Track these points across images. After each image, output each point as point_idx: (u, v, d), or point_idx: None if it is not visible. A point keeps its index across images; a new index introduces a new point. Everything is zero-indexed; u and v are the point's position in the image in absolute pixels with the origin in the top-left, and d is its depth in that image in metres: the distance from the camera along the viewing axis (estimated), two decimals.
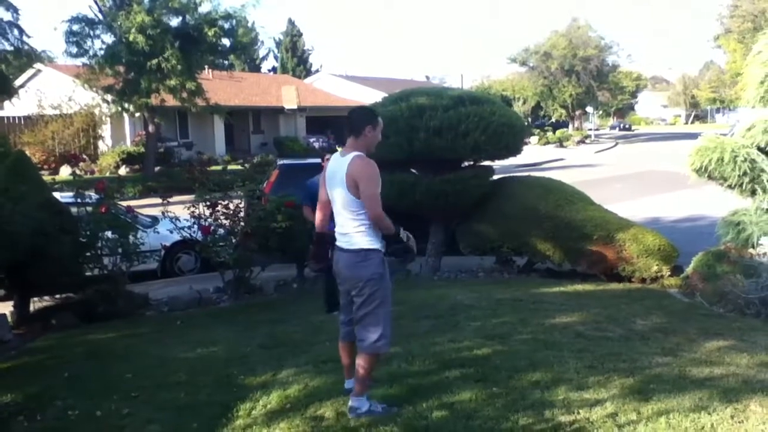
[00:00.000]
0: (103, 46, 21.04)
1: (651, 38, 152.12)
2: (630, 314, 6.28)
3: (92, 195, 7.64)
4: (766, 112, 7.58)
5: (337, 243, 3.86)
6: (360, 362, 3.80)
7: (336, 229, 3.87)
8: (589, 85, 49.88)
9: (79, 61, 21.43)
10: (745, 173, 7.38)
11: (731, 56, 44.16)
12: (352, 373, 3.98)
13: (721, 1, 46.20)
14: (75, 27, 20.64)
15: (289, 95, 34.33)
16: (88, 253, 7.33)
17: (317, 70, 54.18)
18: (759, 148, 7.48)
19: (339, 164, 3.77)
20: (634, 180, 21.18)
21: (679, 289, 7.70)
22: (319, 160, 16.18)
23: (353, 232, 3.76)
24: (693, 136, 8.53)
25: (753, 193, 7.56)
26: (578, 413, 3.76)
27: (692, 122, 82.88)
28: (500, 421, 3.70)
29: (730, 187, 7.67)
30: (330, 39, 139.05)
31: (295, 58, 55.44)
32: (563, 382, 4.24)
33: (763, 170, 7.47)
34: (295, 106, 33.95)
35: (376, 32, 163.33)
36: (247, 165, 9.99)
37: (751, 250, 7.28)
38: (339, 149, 4.01)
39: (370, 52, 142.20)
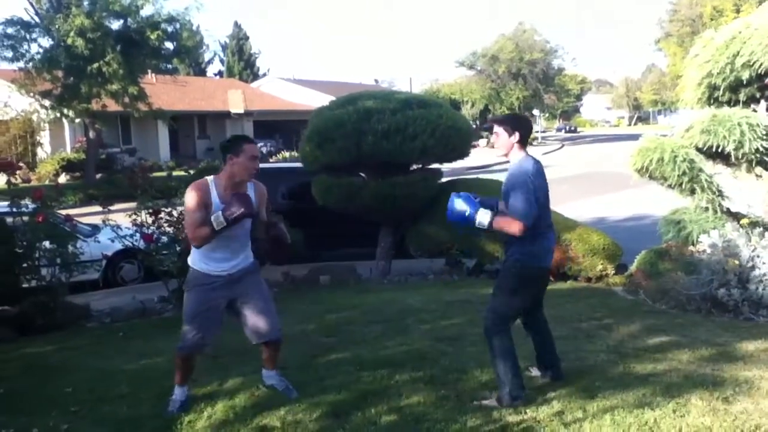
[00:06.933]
0: (41, 50, 20.44)
1: (595, 42, 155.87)
2: (576, 313, 6.37)
3: (29, 204, 7.37)
4: (704, 113, 7.79)
5: None
6: None
7: None
8: (535, 88, 50.80)
9: (14, 66, 20.77)
10: (684, 173, 7.55)
11: (671, 59, 45.71)
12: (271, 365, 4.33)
13: (661, 6, 47.74)
14: (9, 30, 19.99)
15: (235, 99, 33.94)
16: (24, 264, 7.07)
17: (265, 74, 53.73)
18: (697, 149, 7.67)
19: None
20: (579, 181, 21.61)
21: (624, 287, 7.85)
22: (266, 165, 15.94)
23: None
24: (635, 137, 8.71)
25: (692, 192, 7.75)
26: (525, 413, 3.78)
27: (635, 124, 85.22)
28: (449, 423, 3.69)
29: (670, 186, 7.84)
30: (278, 42, 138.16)
31: (242, 62, 54.89)
32: None
33: (701, 170, 7.66)
34: (242, 111, 33.59)
35: (324, 36, 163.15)
36: (191, 171, 9.76)
37: (691, 248, 7.46)
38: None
39: (319, 56, 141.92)
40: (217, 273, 3.96)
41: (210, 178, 3.93)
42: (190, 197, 3.84)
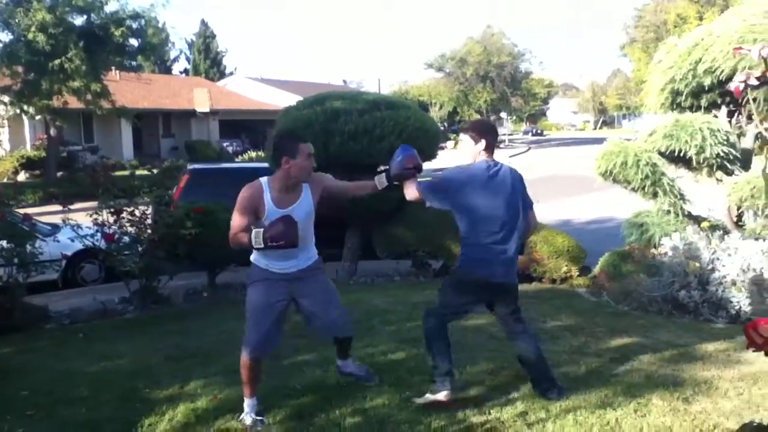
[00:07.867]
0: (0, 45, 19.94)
1: (562, 46, 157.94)
2: (540, 314, 6.42)
3: None
4: (667, 118, 7.93)
5: None
6: None
7: None
8: (503, 91, 51.36)
9: None
10: (647, 176, 7.69)
11: (636, 64, 46.60)
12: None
13: (627, 11, 48.68)
14: None
15: (201, 98, 33.53)
16: None
17: (231, 73, 53.20)
18: (660, 153, 7.81)
19: None
20: (545, 183, 21.80)
21: (587, 289, 7.94)
22: (232, 165, 15.73)
23: None
24: (600, 141, 8.84)
25: (654, 195, 7.88)
26: (490, 414, 3.80)
27: (600, 128, 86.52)
28: (413, 424, 3.69)
29: (633, 189, 7.97)
30: (245, 41, 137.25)
31: (209, 60, 54.26)
32: (475, 384, 4.29)
33: (663, 174, 7.81)
34: (208, 109, 33.21)
35: (292, 35, 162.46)
36: (155, 170, 9.62)
37: (653, 250, 7.58)
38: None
39: (287, 56, 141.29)
40: (277, 270, 3.77)
41: (264, 180, 3.71)
42: (241, 199, 3.66)
